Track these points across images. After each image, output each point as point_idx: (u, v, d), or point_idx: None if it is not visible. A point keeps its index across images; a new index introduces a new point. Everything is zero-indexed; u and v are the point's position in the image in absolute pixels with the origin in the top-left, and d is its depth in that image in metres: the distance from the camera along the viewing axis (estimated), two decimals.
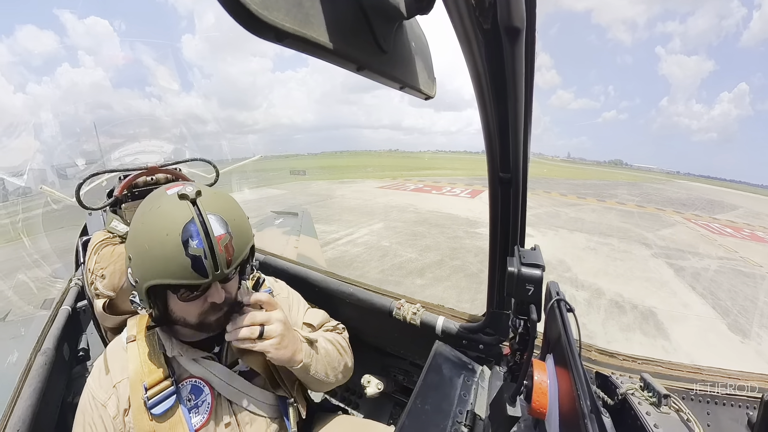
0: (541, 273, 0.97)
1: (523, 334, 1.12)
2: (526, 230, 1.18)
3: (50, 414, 1.53)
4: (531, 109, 0.84)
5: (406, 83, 0.65)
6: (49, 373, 1.53)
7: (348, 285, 1.86)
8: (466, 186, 29.67)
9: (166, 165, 1.97)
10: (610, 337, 6.57)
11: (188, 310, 1.04)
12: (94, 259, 1.59)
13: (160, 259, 0.92)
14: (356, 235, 13.83)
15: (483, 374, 1.37)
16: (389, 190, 28.50)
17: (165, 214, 0.94)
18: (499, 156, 0.98)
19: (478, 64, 0.72)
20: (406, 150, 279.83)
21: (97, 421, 1.04)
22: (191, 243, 0.91)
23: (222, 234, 0.95)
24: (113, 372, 1.09)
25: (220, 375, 1.15)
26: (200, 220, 0.93)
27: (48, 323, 1.98)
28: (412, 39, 0.66)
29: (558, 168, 76.26)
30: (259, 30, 0.37)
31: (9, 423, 1.21)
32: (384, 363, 1.93)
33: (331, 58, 0.49)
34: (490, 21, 0.61)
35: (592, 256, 11.72)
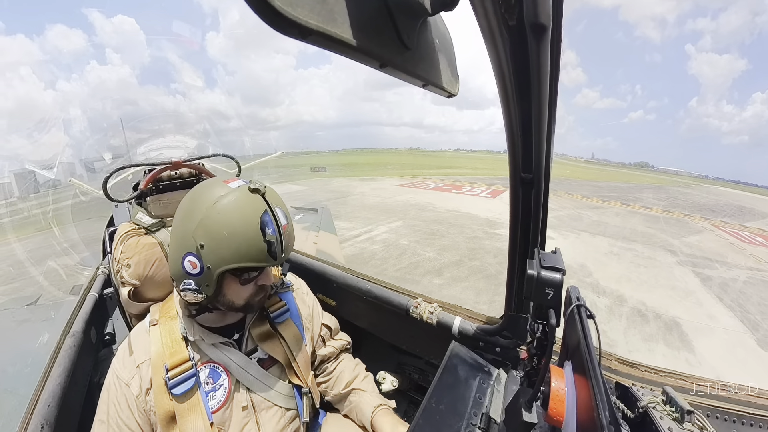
0: (561, 277, 0.94)
1: (541, 339, 1.10)
2: (546, 232, 1.15)
3: (78, 392, 1.60)
4: (555, 108, 0.82)
5: (429, 81, 0.64)
6: (77, 355, 1.60)
7: (365, 282, 1.87)
8: (486, 186, 29.31)
9: (189, 160, 2.02)
10: (631, 347, 6.38)
11: (241, 294, 1.14)
12: (120, 249, 1.64)
13: (241, 245, 1.02)
14: (375, 232, 13.86)
15: (499, 377, 1.35)
16: (409, 189, 28.45)
17: (242, 206, 1.04)
18: (522, 156, 0.96)
19: (503, 61, 0.71)
20: (427, 148, 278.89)
21: (120, 399, 1.09)
22: (267, 231, 1.04)
23: (286, 224, 1.10)
24: (136, 353, 1.14)
25: (238, 361, 1.20)
26: (272, 211, 1.07)
27: (76, 308, 2.07)
28: (436, 36, 0.65)
29: (581, 169, 74.38)
30: (283, 27, 0.37)
31: (41, 397, 1.28)
32: (399, 361, 1.93)
33: (355, 55, 0.48)
34: (516, 17, 0.60)
35: (615, 261, 11.38)
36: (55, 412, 1.25)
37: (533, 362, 1.16)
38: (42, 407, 1.23)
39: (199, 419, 1.08)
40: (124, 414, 1.08)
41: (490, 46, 0.68)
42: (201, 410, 1.10)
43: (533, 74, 0.70)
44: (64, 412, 1.31)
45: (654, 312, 7.83)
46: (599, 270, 10.28)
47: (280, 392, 1.26)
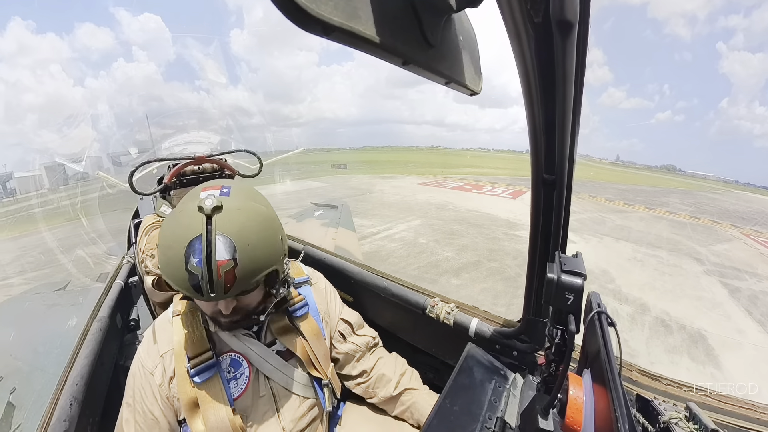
0: (582, 282, 0.92)
1: (559, 345, 1.07)
2: (568, 236, 1.12)
3: (105, 373, 1.68)
4: (580, 108, 0.80)
5: (452, 78, 0.63)
6: (104, 338, 1.68)
7: (383, 279, 1.87)
8: (507, 186, 28.87)
9: (212, 155, 2.06)
10: (654, 358, 6.15)
11: (202, 305, 1.11)
12: (144, 240, 1.70)
13: (166, 263, 0.96)
14: (394, 230, 13.86)
15: (515, 382, 1.33)
16: (429, 187, 28.33)
17: (182, 221, 0.95)
18: (544, 156, 0.93)
19: (527, 59, 0.70)
20: (448, 147, 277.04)
21: (145, 386, 1.14)
22: (192, 260, 0.91)
23: (225, 260, 0.92)
24: (160, 343, 1.19)
25: (258, 352, 1.23)
26: (207, 239, 0.92)
27: (103, 294, 2.16)
28: (460, 33, 0.64)
29: (605, 171, 72.24)
30: (307, 23, 0.37)
31: (70, 376, 1.35)
32: (414, 359, 1.93)
33: (378, 52, 0.48)
34: (542, 14, 0.59)
35: (638, 268, 11.01)
36: (83, 390, 1.32)
37: (551, 368, 1.14)
38: (70, 386, 1.30)
39: (221, 406, 1.11)
40: (149, 401, 1.13)
41: (514, 44, 0.67)
42: (223, 397, 1.13)
43: (558, 72, 0.68)
44: (91, 391, 1.38)
45: (678, 323, 7.53)
46: (622, 276, 9.97)
47: (299, 382, 1.28)
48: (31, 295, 7.47)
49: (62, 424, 1.15)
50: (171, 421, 1.15)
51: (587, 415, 0.81)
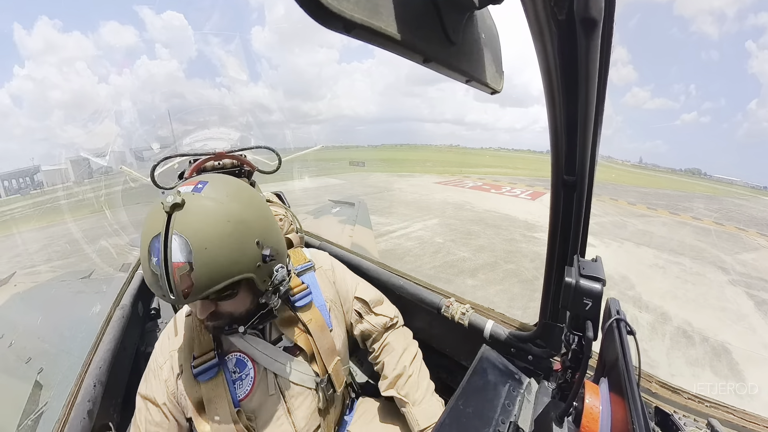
0: (601, 287, 0.90)
1: (576, 352, 1.04)
2: (587, 239, 1.09)
3: (127, 358, 1.75)
4: (602, 108, 0.78)
5: (473, 76, 0.62)
6: (126, 325, 1.74)
7: (398, 277, 1.86)
8: (527, 187, 28.38)
9: (232, 151, 2.10)
10: (674, 370, 5.93)
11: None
12: None
13: (141, 258, 0.92)
14: (410, 229, 13.84)
15: (530, 387, 1.31)
16: (447, 186, 28.17)
17: (150, 216, 0.90)
18: (565, 157, 0.91)
19: (550, 57, 0.68)
20: (467, 146, 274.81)
21: (153, 381, 1.17)
22: (152, 259, 0.87)
23: (180, 262, 0.85)
24: (173, 339, 1.21)
25: (264, 350, 1.21)
26: (165, 238, 0.86)
27: (125, 284, 2.24)
28: (482, 30, 0.63)
29: (628, 173, 70.26)
30: (328, 20, 0.37)
31: (94, 360, 1.42)
32: (428, 359, 1.92)
33: (398, 50, 0.48)
34: (566, 11, 0.57)
35: (660, 275, 10.61)
36: (106, 373, 1.38)
37: (567, 375, 1.12)
38: (94, 369, 1.36)
39: (225, 406, 1.11)
40: (157, 393, 1.15)
41: (537, 41, 0.66)
42: (227, 398, 1.12)
43: (581, 71, 0.67)
44: (114, 374, 1.44)
45: (701, 334, 7.22)
46: (642, 283, 9.64)
47: (310, 376, 1.27)
48: (58, 282, 7.78)
49: (86, 404, 1.20)
50: (177, 417, 1.15)
51: (603, 425, 0.80)
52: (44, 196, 58.86)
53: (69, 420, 1.14)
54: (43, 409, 3.08)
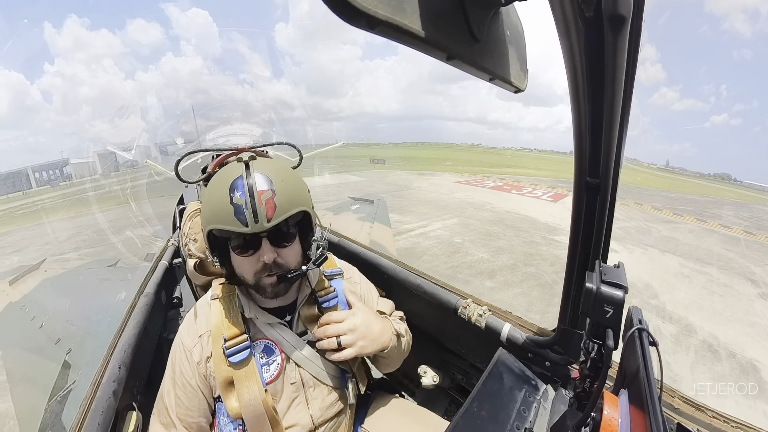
0: (623, 295, 0.87)
1: (595, 360, 1.01)
2: (610, 244, 1.06)
3: (150, 343, 1.82)
4: (629, 108, 0.76)
5: (497, 75, 0.61)
6: (149, 312, 1.80)
7: (416, 276, 1.85)
8: (548, 188, 27.76)
9: (254, 147, 2.14)
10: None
11: (245, 267, 1.17)
12: (188, 225, 1.79)
13: (213, 206, 1.08)
14: (429, 228, 13.79)
15: (546, 394, 1.28)
16: (467, 186, 27.92)
17: (223, 172, 1.11)
18: (589, 158, 0.89)
19: (576, 55, 0.67)
20: (489, 145, 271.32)
21: (184, 362, 1.21)
22: (236, 194, 1.04)
23: (264, 189, 1.05)
24: (199, 324, 1.26)
25: (290, 341, 1.27)
26: (247, 175, 1.06)
27: (149, 273, 2.31)
28: (507, 27, 0.62)
29: (653, 177, 67.47)
30: (352, 17, 0.37)
31: (119, 343, 1.47)
32: (443, 358, 1.91)
33: (422, 47, 0.47)
34: (593, 8, 0.56)
35: (685, 284, 10.12)
36: (130, 356, 1.42)
37: (585, 384, 1.09)
38: (119, 352, 1.41)
39: (254, 385, 1.17)
40: (188, 374, 1.20)
41: (563, 39, 0.64)
42: (256, 378, 1.18)
43: (608, 70, 0.65)
44: (138, 358, 1.49)
45: (728, 350, 6.83)
46: (667, 292, 9.22)
47: (328, 372, 1.32)
48: (85, 269, 8.10)
49: (111, 384, 1.25)
50: (207, 396, 1.22)
51: None
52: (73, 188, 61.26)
53: (95, 399, 1.18)
54: (71, 387, 3.24)
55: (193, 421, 1.20)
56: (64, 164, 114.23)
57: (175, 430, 1.18)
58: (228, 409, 1.17)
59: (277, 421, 1.20)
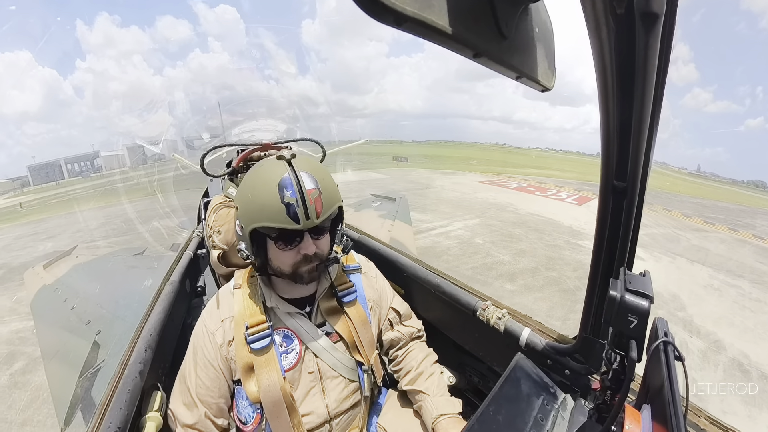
0: (648, 305, 0.83)
1: (617, 372, 0.98)
2: (636, 251, 1.02)
3: (174, 328, 1.87)
4: (659, 110, 0.73)
5: (524, 73, 0.60)
6: (174, 299, 1.86)
7: (435, 275, 1.84)
8: (573, 191, 26.94)
9: (278, 143, 2.17)
10: (726, 407, 5.28)
11: (284, 260, 1.20)
12: (212, 217, 1.84)
13: (260, 204, 1.10)
14: (450, 227, 13.68)
15: (565, 403, 1.24)
16: (490, 186, 27.51)
17: (266, 170, 1.14)
18: (616, 161, 0.86)
19: (606, 54, 0.64)
20: (514, 145, 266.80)
21: (207, 345, 1.25)
22: (286, 192, 1.08)
23: (312, 188, 1.12)
24: (222, 310, 1.30)
25: (309, 331, 1.31)
26: (294, 174, 1.11)
27: (174, 262, 2.39)
28: (536, 24, 0.61)
29: (683, 182, 64.31)
30: (379, 14, 0.37)
31: (145, 327, 1.53)
32: (461, 360, 1.90)
33: (449, 44, 0.47)
34: (625, 5, 0.54)
35: (715, 297, 9.55)
36: (156, 339, 1.48)
37: (606, 396, 1.06)
38: (145, 335, 1.47)
39: (273, 372, 1.21)
40: (210, 355, 1.24)
41: (593, 37, 0.62)
42: (275, 365, 1.22)
43: (638, 69, 0.63)
44: (163, 341, 1.55)
45: (760, 370, 6.37)
46: (695, 305, 8.74)
47: (345, 364, 1.35)
48: (114, 257, 8.41)
49: (138, 365, 1.29)
50: (228, 378, 1.26)
51: None
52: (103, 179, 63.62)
53: (123, 378, 1.23)
54: (101, 365, 3.44)
55: (213, 401, 1.24)
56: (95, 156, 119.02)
57: (196, 410, 1.22)
58: (247, 393, 1.21)
59: (294, 407, 1.23)
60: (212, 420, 1.24)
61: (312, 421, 1.28)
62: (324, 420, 1.30)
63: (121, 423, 1.07)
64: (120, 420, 1.08)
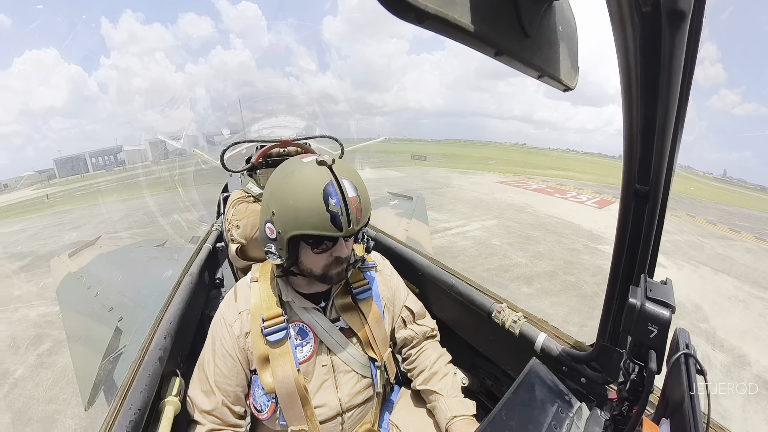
0: (669, 314, 0.81)
1: (635, 383, 0.95)
2: (658, 257, 0.99)
3: (193, 317, 1.92)
4: (685, 111, 0.71)
5: (546, 72, 0.59)
6: (193, 290, 1.91)
7: (451, 276, 1.83)
8: (594, 194, 26.22)
9: (297, 139, 2.19)
10: (750, 426, 5.00)
11: (316, 262, 1.22)
12: (231, 212, 1.87)
13: (304, 212, 1.09)
14: (467, 228, 13.58)
15: (580, 412, 1.21)
16: (509, 187, 27.15)
17: (308, 176, 1.12)
18: (639, 163, 0.83)
19: (630, 53, 0.63)
20: (534, 145, 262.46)
21: (225, 336, 1.29)
22: (331, 201, 1.08)
23: (354, 196, 1.13)
24: (239, 303, 1.34)
25: (324, 325, 1.33)
26: (337, 182, 1.11)
27: (194, 254, 2.44)
28: (559, 22, 0.59)
29: (709, 187, 61.49)
30: (401, 11, 0.37)
31: (165, 315, 1.57)
32: (474, 362, 1.88)
33: (471, 41, 0.46)
34: (651, 2, 0.53)
35: (740, 310, 9.06)
36: (175, 327, 1.52)
37: (623, 407, 1.02)
38: (165, 323, 1.51)
39: (288, 364, 1.24)
40: (228, 345, 1.28)
41: (617, 35, 0.61)
42: (290, 357, 1.26)
43: (664, 69, 0.61)
44: (182, 329, 1.59)
45: None
46: (718, 317, 8.32)
47: (358, 360, 1.36)
48: (136, 247, 8.66)
49: (158, 351, 1.33)
50: (245, 367, 1.29)
51: None
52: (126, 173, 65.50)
53: (143, 363, 1.26)
54: (122, 350, 3.59)
55: (230, 389, 1.27)
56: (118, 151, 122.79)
57: (214, 397, 1.26)
58: (262, 383, 1.24)
59: (307, 399, 1.26)
60: (229, 407, 1.27)
61: (324, 413, 1.31)
62: (336, 413, 1.32)
63: (142, 405, 1.11)
64: (141, 402, 1.11)
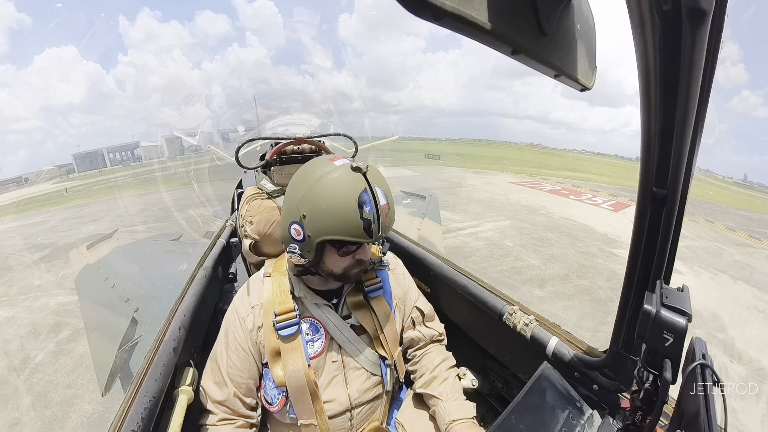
0: (685, 323, 0.79)
1: (649, 392, 0.93)
2: (674, 263, 0.96)
3: (206, 311, 1.95)
4: (704, 113, 0.69)
5: (563, 71, 0.58)
6: (207, 284, 1.93)
7: (462, 276, 1.82)
8: (609, 196, 25.59)
9: (311, 137, 2.20)
10: None
11: (339, 264, 1.24)
12: (245, 208, 1.90)
13: (339, 219, 1.10)
14: (480, 228, 13.48)
15: (592, 420, 1.19)
16: (523, 188, 26.82)
17: (343, 183, 1.12)
18: (657, 166, 0.81)
19: (650, 52, 0.61)
20: (549, 146, 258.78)
21: (238, 329, 1.32)
22: (365, 209, 1.10)
23: (385, 204, 1.15)
24: (252, 297, 1.36)
25: (335, 322, 1.36)
26: (371, 190, 1.13)
27: (208, 249, 2.48)
28: (577, 21, 0.58)
29: (729, 192, 59.23)
30: (418, 8, 0.37)
31: (179, 308, 1.60)
32: (485, 364, 1.87)
33: (487, 40, 0.46)
34: (672, 1, 0.52)
35: (760, 320, 8.71)
36: (189, 320, 1.54)
37: (636, 416, 1.00)
38: (179, 315, 1.54)
39: (299, 358, 1.27)
40: (240, 339, 1.30)
41: (637, 34, 0.59)
42: (301, 352, 1.28)
43: (683, 70, 0.60)
44: (195, 322, 1.61)
45: None
46: (737, 326, 8.01)
47: (367, 358, 1.39)
48: (152, 241, 8.83)
49: (172, 342, 1.36)
50: (257, 360, 1.32)
51: None
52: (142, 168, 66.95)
53: (158, 352, 1.30)
54: (138, 340, 3.69)
55: (242, 381, 1.30)
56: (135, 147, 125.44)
57: (226, 388, 1.28)
58: (274, 377, 1.27)
59: (317, 394, 1.28)
60: (240, 398, 1.30)
61: (334, 408, 1.32)
62: (345, 408, 1.34)
63: (156, 393, 1.14)
64: (155, 391, 1.14)
